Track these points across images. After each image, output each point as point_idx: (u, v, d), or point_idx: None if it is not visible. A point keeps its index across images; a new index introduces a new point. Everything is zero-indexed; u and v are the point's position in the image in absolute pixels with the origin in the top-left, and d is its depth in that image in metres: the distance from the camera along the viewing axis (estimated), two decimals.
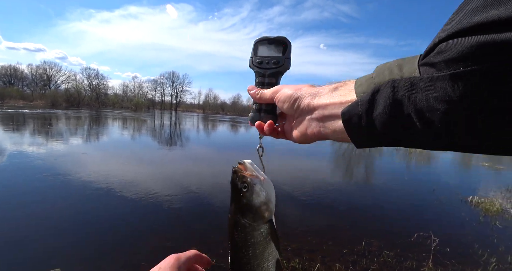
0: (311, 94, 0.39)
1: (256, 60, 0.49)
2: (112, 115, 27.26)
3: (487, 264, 2.92)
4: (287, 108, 0.43)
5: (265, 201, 0.51)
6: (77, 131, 12.21)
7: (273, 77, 0.49)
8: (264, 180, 0.52)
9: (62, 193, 4.07)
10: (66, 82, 57.67)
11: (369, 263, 2.72)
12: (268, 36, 0.51)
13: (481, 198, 5.47)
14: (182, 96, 72.65)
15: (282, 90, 0.43)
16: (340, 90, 0.36)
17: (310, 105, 0.39)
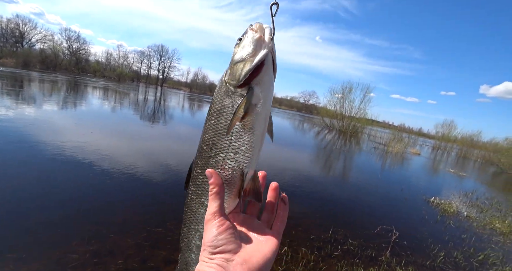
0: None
1: None
2: (92, 84, 25.68)
3: (436, 257, 3.22)
4: None
5: (247, 57, 0.44)
6: (52, 97, 11.41)
7: None
8: (266, 43, 0.45)
9: (30, 161, 3.85)
10: (42, 41, 52.72)
11: (333, 250, 2.89)
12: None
13: (442, 199, 5.94)
14: (170, 72, 69.67)
15: None
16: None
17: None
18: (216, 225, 0.42)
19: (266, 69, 0.44)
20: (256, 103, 0.45)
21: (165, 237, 2.51)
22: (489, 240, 4.24)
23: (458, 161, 21.81)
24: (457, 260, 3.30)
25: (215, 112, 0.47)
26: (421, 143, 34.35)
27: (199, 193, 0.51)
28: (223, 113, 0.46)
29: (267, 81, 0.45)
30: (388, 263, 2.86)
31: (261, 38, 0.44)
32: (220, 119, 0.46)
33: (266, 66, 0.44)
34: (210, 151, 0.47)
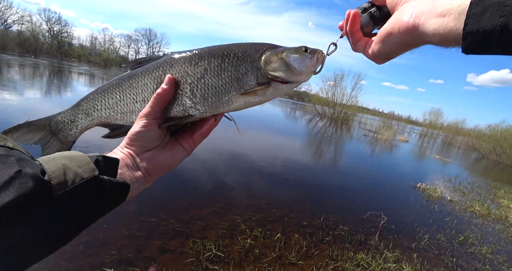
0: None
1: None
2: (77, 70, 24.52)
3: (421, 240, 3.39)
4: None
5: (287, 68, 0.50)
6: (34, 83, 10.85)
7: None
8: (312, 70, 0.52)
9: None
10: (19, 23, 49.20)
11: (325, 236, 2.99)
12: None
13: (427, 185, 6.19)
14: None
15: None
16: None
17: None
18: (141, 124, 0.48)
19: (290, 86, 0.53)
20: (260, 95, 0.51)
21: (158, 227, 2.51)
22: (470, 222, 4.50)
23: (443, 147, 22.64)
24: (440, 242, 3.49)
25: (232, 60, 0.51)
26: (410, 130, 35.28)
27: (152, 90, 0.52)
28: (236, 68, 0.51)
29: (280, 92, 0.52)
30: (377, 247, 2.99)
31: (313, 71, 0.52)
32: (229, 69, 0.50)
33: (292, 85, 0.53)
34: (200, 78, 0.51)
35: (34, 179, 0.30)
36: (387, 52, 0.42)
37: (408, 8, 0.35)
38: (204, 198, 3.33)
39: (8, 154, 0.31)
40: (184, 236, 2.45)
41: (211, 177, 4.05)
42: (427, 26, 0.32)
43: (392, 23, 0.38)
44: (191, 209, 2.96)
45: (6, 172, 0.29)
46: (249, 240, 2.56)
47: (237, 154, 5.56)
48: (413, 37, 0.35)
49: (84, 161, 0.38)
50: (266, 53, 0.51)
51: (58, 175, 0.34)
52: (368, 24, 0.47)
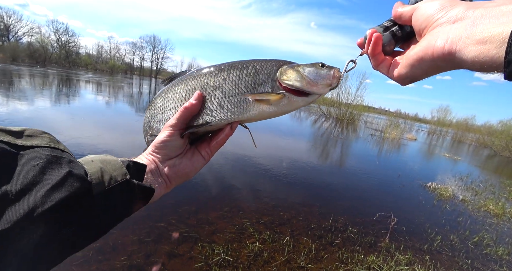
0: (470, 5, 0.34)
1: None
2: (84, 78, 25.08)
3: (433, 241, 3.31)
4: (424, 16, 0.38)
5: (302, 79, 0.52)
6: (45, 92, 11.14)
7: None
8: (327, 86, 0.53)
9: None
10: (29, 35, 50.85)
11: (334, 238, 2.95)
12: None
13: (438, 184, 6.05)
14: (163, 63, 68.29)
15: (430, 1, 0.39)
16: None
17: (464, 14, 0.33)
18: (166, 134, 0.52)
19: (305, 100, 0.54)
20: (274, 105, 0.53)
21: (167, 232, 2.52)
22: (484, 222, 4.37)
23: (453, 145, 22.14)
24: (453, 243, 3.40)
25: (250, 71, 0.54)
26: (417, 128, 34.67)
27: (176, 101, 0.58)
28: (253, 78, 0.54)
29: (294, 105, 0.54)
30: (388, 249, 2.93)
31: (328, 84, 0.53)
32: (246, 79, 0.53)
33: (307, 99, 0.54)
34: (218, 87, 0.54)
35: (81, 179, 0.35)
36: (416, 75, 0.41)
37: (442, 33, 0.34)
38: (212, 201, 3.34)
39: (61, 155, 0.36)
40: (193, 240, 2.46)
41: (218, 180, 4.06)
42: (465, 53, 0.31)
43: (424, 48, 0.37)
44: (199, 213, 2.97)
45: (60, 171, 0.33)
46: (257, 243, 2.55)
47: (243, 157, 5.57)
48: (448, 63, 0.35)
49: (117, 165, 0.42)
50: (283, 67, 0.54)
51: (96, 176, 0.38)
52: (390, 43, 0.46)
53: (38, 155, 0.33)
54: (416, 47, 0.39)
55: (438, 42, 0.34)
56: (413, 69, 0.40)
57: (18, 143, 0.33)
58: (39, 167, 0.32)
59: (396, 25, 0.46)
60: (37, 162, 0.32)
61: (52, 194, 0.31)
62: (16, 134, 0.34)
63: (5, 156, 0.30)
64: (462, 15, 0.33)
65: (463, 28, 0.32)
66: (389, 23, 0.47)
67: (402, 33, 0.45)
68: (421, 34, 0.39)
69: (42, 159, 0.33)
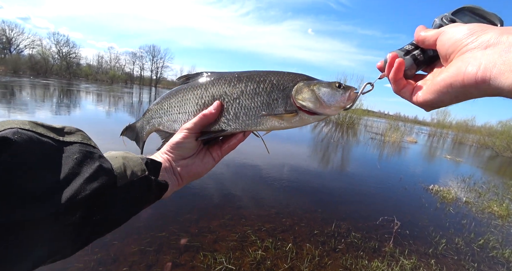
0: (503, 30, 0.32)
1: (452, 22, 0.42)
2: (85, 88, 25.29)
3: (438, 245, 3.27)
4: (452, 41, 0.36)
5: (316, 100, 0.52)
6: (45, 103, 11.22)
7: None
8: (341, 107, 0.54)
9: None
10: (30, 47, 51.65)
11: (337, 244, 2.92)
12: (484, 9, 0.42)
13: (440, 186, 6.01)
14: (163, 72, 69.00)
15: (457, 26, 0.38)
16: None
17: (497, 39, 0.31)
18: (182, 135, 0.55)
19: (316, 118, 0.56)
20: (286, 121, 0.56)
21: (169, 241, 2.50)
22: (488, 224, 4.32)
23: (454, 146, 22.08)
24: (458, 246, 3.35)
25: (266, 86, 0.56)
26: (417, 131, 34.66)
27: (194, 105, 0.60)
28: (269, 93, 0.55)
29: (305, 122, 0.56)
30: (392, 254, 2.90)
31: (342, 106, 0.54)
32: (262, 94, 0.55)
33: (319, 117, 0.55)
34: (236, 98, 0.57)
35: (109, 173, 0.39)
36: (444, 102, 0.39)
37: (474, 59, 0.32)
38: (213, 209, 3.32)
39: (93, 151, 0.40)
40: (195, 249, 2.44)
41: (218, 188, 4.04)
42: (501, 80, 0.29)
43: (453, 74, 0.35)
44: (200, 221, 2.95)
45: (94, 165, 0.37)
46: (260, 251, 2.53)
47: (243, 163, 5.56)
48: (481, 90, 0.33)
49: (137, 161, 0.46)
50: (299, 84, 0.55)
51: (120, 171, 0.42)
52: (411, 67, 0.45)
53: (76, 150, 0.37)
54: (444, 73, 0.37)
55: (470, 69, 0.32)
56: (441, 96, 0.38)
57: (60, 139, 0.37)
58: (77, 160, 0.36)
59: (418, 49, 0.45)
60: (76, 156, 0.36)
61: (88, 183, 0.35)
62: (58, 131, 0.38)
63: (53, 149, 0.35)
64: (495, 41, 0.31)
65: (497, 54, 0.30)
66: (410, 47, 0.45)
67: (424, 57, 0.44)
68: (447, 59, 0.38)
69: (79, 153, 0.37)
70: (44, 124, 0.37)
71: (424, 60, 0.45)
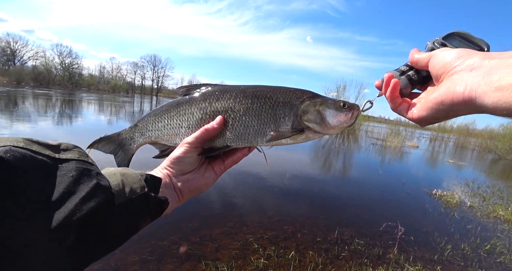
0: (485, 55, 0.36)
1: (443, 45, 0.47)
2: (87, 98, 25.55)
3: (443, 250, 3.21)
4: (442, 63, 0.40)
5: (321, 121, 0.54)
6: (47, 113, 11.33)
7: None
8: (345, 126, 0.56)
9: None
10: (34, 58, 52.64)
11: (341, 251, 2.87)
12: (473, 35, 0.46)
13: (444, 191, 5.95)
14: (164, 81, 69.83)
15: (446, 50, 0.42)
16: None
17: (480, 63, 0.35)
18: (182, 150, 0.54)
19: (321, 136, 0.57)
20: (292, 139, 0.56)
21: (170, 250, 2.47)
22: (495, 229, 4.25)
23: (456, 150, 21.95)
24: (464, 252, 3.29)
25: (273, 103, 0.55)
26: (418, 136, 34.57)
27: (198, 119, 0.58)
28: (275, 111, 0.55)
29: (310, 139, 0.57)
30: (397, 261, 2.84)
31: (345, 126, 0.56)
32: (269, 111, 0.55)
33: (322, 135, 0.57)
34: (242, 115, 0.56)
35: (107, 191, 0.38)
36: (437, 118, 0.42)
37: (461, 80, 0.36)
38: (215, 217, 3.30)
39: (90, 168, 0.38)
40: (196, 258, 2.40)
41: (220, 195, 4.02)
42: (485, 99, 0.33)
43: (444, 93, 0.38)
44: (202, 229, 2.93)
45: (90, 183, 0.36)
46: (262, 259, 2.49)
47: (245, 170, 5.55)
48: (469, 107, 0.36)
49: (136, 178, 0.45)
50: (305, 102, 0.55)
51: (119, 188, 0.40)
52: (407, 86, 0.48)
53: (72, 167, 0.36)
54: (435, 92, 0.40)
55: (458, 88, 0.36)
56: (434, 112, 0.41)
57: (56, 156, 0.36)
58: (73, 178, 0.35)
59: (413, 70, 0.48)
60: (72, 174, 0.35)
61: (85, 203, 0.34)
62: (54, 148, 0.37)
63: (48, 167, 0.34)
64: (478, 64, 0.35)
65: (480, 76, 0.34)
66: (405, 68, 0.49)
67: (418, 77, 0.48)
68: (439, 79, 0.42)
69: (75, 170, 0.36)
70: (39, 141, 0.36)
71: (418, 80, 0.48)
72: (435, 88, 0.42)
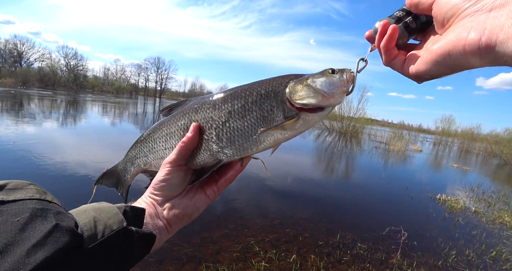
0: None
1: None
2: (91, 99, 25.80)
3: (448, 256, 3.15)
4: (451, 4, 0.32)
5: (316, 93, 0.47)
6: (52, 115, 11.46)
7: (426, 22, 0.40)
8: (343, 93, 0.48)
9: (35, 180, 3.82)
10: (40, 60, 53.48)
11: (343, 255, 2.84)
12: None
13: (448, 196, 5.87)
14: (167, 83, 70.38)
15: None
16: None
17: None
18: (164, 172, 0.48)
19: (321, 115, 0.48)
20: (289, 129, 0.48)
21: (171, 252, 2.47)
22: (500, 235, 4.17)
23: (460, 155, 21.72)
24: (469, 258, 3.23)
25: (255, 98, 0.48)
26: (422, 139, 34.31)
27: (180, 138, 0.52)
28: (260, 106, 0.48)
29: (310, 123, 0.49)
30: (400, 266, 2.80)
31: (344, 90, 0.47)
32: (253, 108, 0.48)
33: (323, 113, 0.48)
34: (225, 122, 0.49)
35: (70, 233, 0.31)
36: (439, 73, 0.35)
37: (477, 24, 0.28)
38: (216, 219, 3.28)
39: (48, 207, 0.32)
40: (197, 260, 2.39)
41: (222, 198, 4.01)
42: (509, 46, 0.26)
43: (452, 41, 0.31)
44: (203, 232, 2.92)
45: (45, 226, 0.29)
46: (263, 262, 2.47)
47: (247, 173, 5.54)
48: (484, 59, 0.29)
49: (113, 212, 0.39)
50: (290, 84, 0.48)
51: (89, 227, 0.34)
52: (403, 36, 0.40)
53: (20, 209, 0.30)
54: (441, 41, 0.33)
55: (472, 34, 0.28)
56: (436, 66, 0.34)
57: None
58: (20, 223, 0.28)
59: (410, 16, 0.40)
60: (18, 218, 0.29)
61: (34, 252, 0.27)
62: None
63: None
64: (501, 1, 0.27)
65: (505, 16, 0.26)
66: (401, 13, 0.41)
67: (416, 24, 0.40)
68: (445, 26, 0.34)
69: (25, 213, 0.29)
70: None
71: (416, 27, 0.40)
72: (439, 37, 0.35)
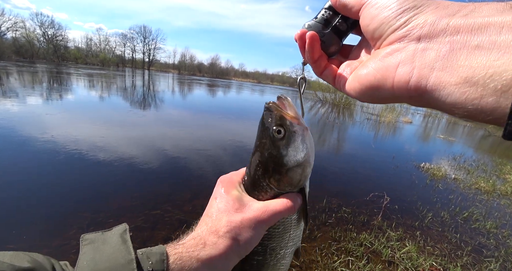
0: (445, 6, 0.21)
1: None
2: (75, 72, 24.45)
3: (424, 218, 3.41)
4: (378, 20, 0.25)
5: (302, 161, 0.37)
6: (35, 89, 10.90)
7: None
8: (306, 130, 0.38)
9: (23, 156, 3.76)
10: (13, 29, 49.09)
11: (328, 218, 3.02)
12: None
13: (431, 165, 6.16)
14: (156, 54, 66.85)
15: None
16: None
17: (435, 25, 0.21)
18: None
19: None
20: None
21: (163, 218, 2.57)
22: (474, 199, 4.50)
23: (448, 127, 22.35)
24: (443, 219, 3.51)
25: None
26: (413, 112, 34.79)
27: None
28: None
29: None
30: (380, 227, 3.02)
31: (306, 129, 0.40)
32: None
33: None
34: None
35: None
36: (372, 102, 0.30)
37: (405, 56, 0.22)
38: (206, 189, 3.38)
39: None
40: (188, 225, 2.51)
41: (212, 168, 4.09)
42: (441, 95, 0.20)
43: (380, 75, 0.25)
44: (194, 199, 3.02)
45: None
46: None
47: (238, 143, 5.59)
48: (416, 102, 0.24)
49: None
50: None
51: None
52: (333, 43, 0.34)
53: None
54: (368, 67, 0.26)
55: (400, 71, 0.23)
56: (367, 98, 0.28)
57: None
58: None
59: (338, 16, 0.33)
60: None
61: None
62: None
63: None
64: (430, 29, 0.21)
65: (435, 54, 0.20)
66: (328, 14, 0.33)
67: (347, 24, 0.33)
68: (375, 45, 0.27)
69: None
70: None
71: (348, 28, 0.34)
72: (371, 55, 0.28)
